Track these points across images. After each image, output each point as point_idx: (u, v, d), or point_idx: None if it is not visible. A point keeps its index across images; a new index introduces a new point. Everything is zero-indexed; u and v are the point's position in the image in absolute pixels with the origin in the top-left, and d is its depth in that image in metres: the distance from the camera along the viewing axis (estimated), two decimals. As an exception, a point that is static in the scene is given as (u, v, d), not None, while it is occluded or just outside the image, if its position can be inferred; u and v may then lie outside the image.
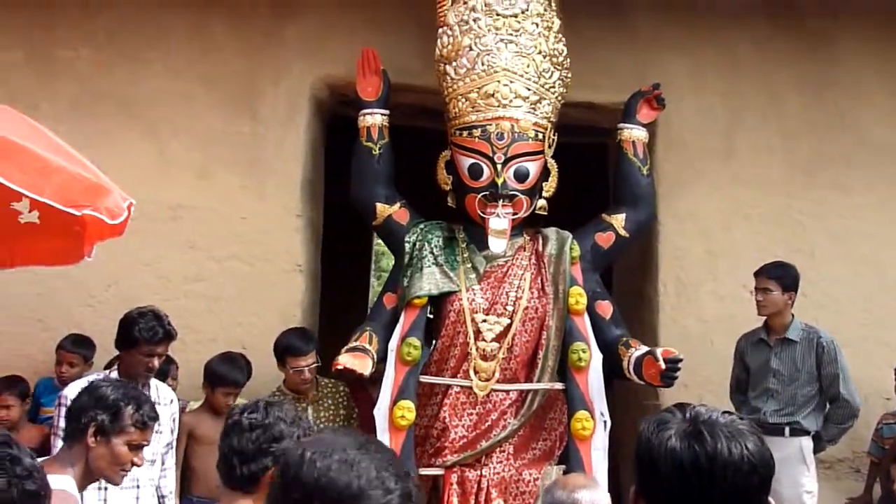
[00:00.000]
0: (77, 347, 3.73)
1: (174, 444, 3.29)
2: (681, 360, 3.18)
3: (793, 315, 3.84)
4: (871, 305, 4.38)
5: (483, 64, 3.61)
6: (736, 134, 4.48)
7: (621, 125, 3.91)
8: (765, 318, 3.87)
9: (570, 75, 3.79)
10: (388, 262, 16.53)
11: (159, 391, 3.22)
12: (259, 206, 4.13)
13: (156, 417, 2.38)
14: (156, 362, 3.08)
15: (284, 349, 3.64)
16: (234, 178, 4.15)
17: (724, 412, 1.35)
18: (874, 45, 4.56)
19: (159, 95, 4.18)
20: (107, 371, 3.18)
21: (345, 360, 3.17)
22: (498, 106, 3.59)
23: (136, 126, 4.15)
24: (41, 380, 3.86)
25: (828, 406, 3.80)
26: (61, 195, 2.49)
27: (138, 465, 2.32)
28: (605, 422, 3.47)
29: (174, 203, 4.09)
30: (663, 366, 3.16)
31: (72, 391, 2.94)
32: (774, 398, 3.76)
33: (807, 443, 3.71)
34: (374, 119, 3.83)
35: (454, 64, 3.67)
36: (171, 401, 3.27)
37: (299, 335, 3.72)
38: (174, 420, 3.27)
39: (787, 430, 3.68)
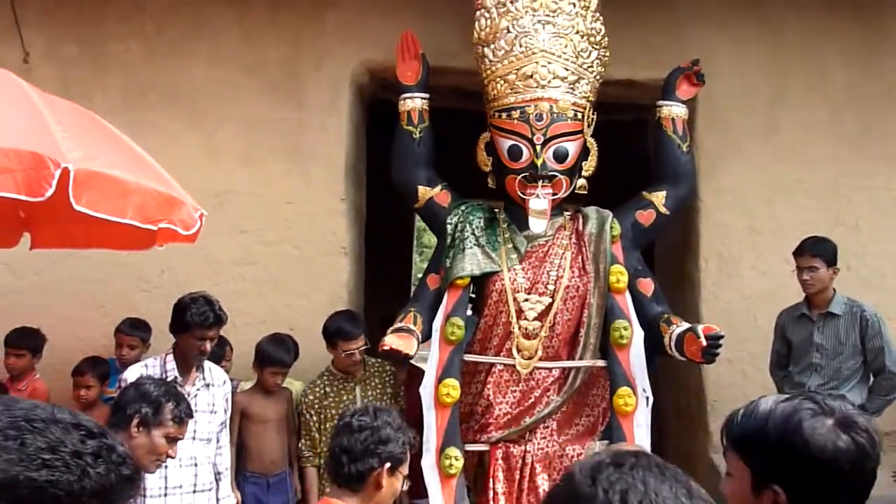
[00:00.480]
0: (134, 330, 3.88)
1: (228, 422, 3.39)
2: (722, 337, 3.19)
3: (834, 289, 3.81)
4: (918, 278, 4.34)
5: (521, 45, 3.63)
6: (778, 109, 4.44)
7: (661, 102, 3.90)
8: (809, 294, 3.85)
9: (608, 54, 3.78)
10: (430, 238, 16.59)
11: (213, 373, 3.31)
12: (304, 190, 4.23)
13: (191, 414, 2.63)
14: (208, 345, 3.16)
15: (335, 333, 3.74)
16: (278, 163, 4.25)
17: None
18: (922, 14, 4.47)
19: (204, 84, 4.29)
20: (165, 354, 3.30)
21: (391, 340, 3.25)
22: (536, 87, 3.61)
23: (182, 115, 4.27)
24: (111, 359, 4.02)
25: (872, 379, 3.78)
26: (141, 214, 2.66)
27: (172, 457, 2.53)
28: (647, 398, 3.50)
29: (221, 189, 4.20)
30: (705, 342, 3.17)
31: (131, 374, 3.09)
32: (818, 373, 3.75)
33: None
34: (414, 103, 3.89)
35: (492, 46, 3.70)
36: (224, 382, 3.36)
37: (349, 319, 3.80)
38: (227, 400, 3.36)
39: None
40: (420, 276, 4.32)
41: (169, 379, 3.03)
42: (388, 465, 2.10)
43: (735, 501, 1.41)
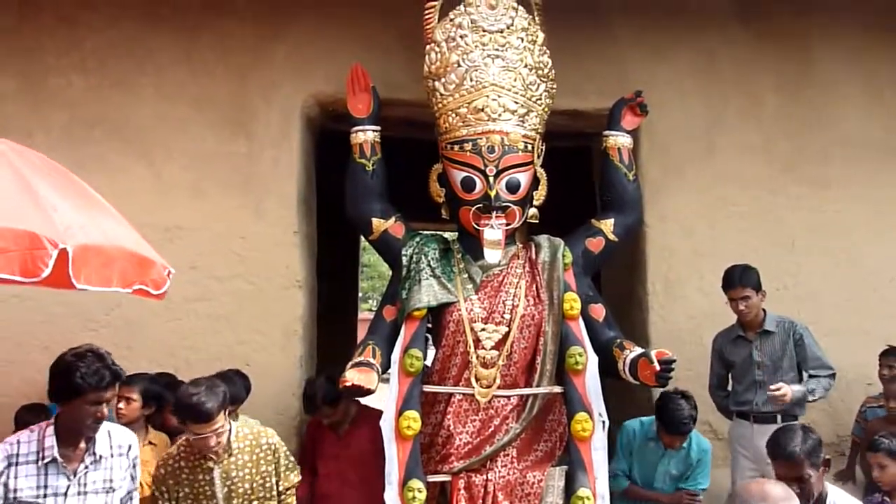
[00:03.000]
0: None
1: (136, 494, 2.91)
2: (674, 361, 3.29)
3: (763, 309, 4.03)
4: (850, 295, 4.56)
5: (471, 79, 3.71)
6: (716, 134, 4.63)
7: (606, 132, 4.02)
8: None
9: (555, 86, 3.90)
10: (371, 256, 16.32)
11: (112, 439, 2.78)
12: (256, 224, 4.21)
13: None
14: (105, 410, 2.65)
15: (183, 412, 3.07)
16: (230, 197, 4.22)
17: None
18: (847, 44, 4.73)
19: (152, 119, 4.23)
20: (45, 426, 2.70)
21: (351, 376, 3.25)
22: (488, 120, 3.69)
23: (130, 150, 4.20)
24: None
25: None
26: (122, 280, 2.69)
27: None
28: (603, 422, 3.58)
29: (171, 224, 4.15)
30: (658, 367, 3.26)
31: None
32: (762, 388, 3.92)
33: None
34: (366, 136, 3.92)
35: (443, 80, 3.77)
36: (130, 447, 2.84)
37: (207, 393, 3.04)
38: (135, 467, 2.86)
39: (779, 417, 3.86)
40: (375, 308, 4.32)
41: (47, 460, 2.61)
42: None
43: None
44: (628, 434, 3.96)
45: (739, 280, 3.94)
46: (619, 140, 3.99)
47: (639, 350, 3.53)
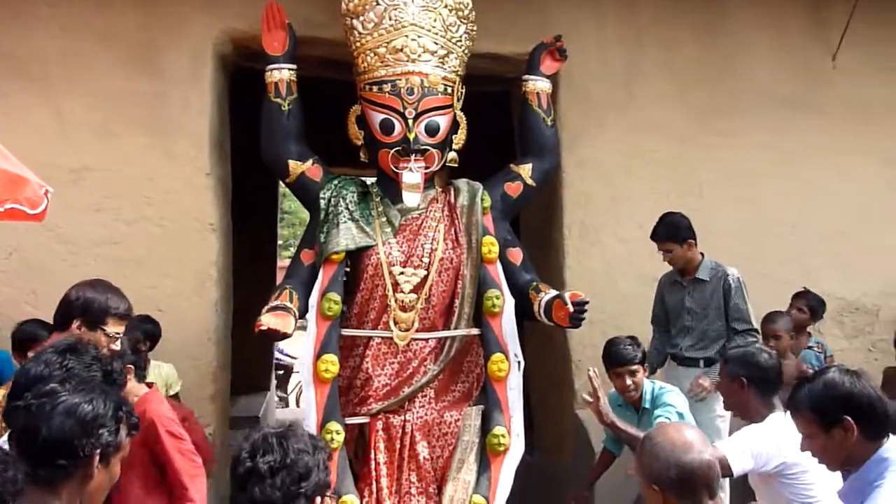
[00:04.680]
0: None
1: None
2: (587, 303, 3.37)
3: (702, 255, 4.11)
4: (753, 240, 4.72)
5: (390, 18, 3.64)
6: (634, 82, 4.69)
7: (525, 77, 4.02)
8: None
9: (475, 28, 3.86)
10: (292, 203, 15.97)
11: None
12: (166, 166, 4.06)
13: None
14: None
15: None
16: (138, 137, 4.05)
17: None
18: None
19: (55, 54, 4.00)
20: None
21: (267, 320, 3.20)
22: (407, 61, 3.63)
23: (31, 87, 3.98)
24: None
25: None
26: None
27: None
28: (518, 362, 3.66)
29: (77, 165, 3.97)
30: (571, 308, 3.34)
31: None
32: (690, 334, 4.06)
33: (704, 379, 3.98)
34: (281, 74, 3.80)
35: (361, 18, 3.68)
36: None
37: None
38: None
39: (701, 362, 4.00)
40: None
41: None
42: (318, 498, 1.78)
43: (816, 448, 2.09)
44: None
45: (660, 235, 4.05)
46: (538, 85, 4.00)
47: (554, 292, 3.60)
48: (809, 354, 4.50)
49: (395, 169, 3.65)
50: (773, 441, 2.68)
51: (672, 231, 4.03)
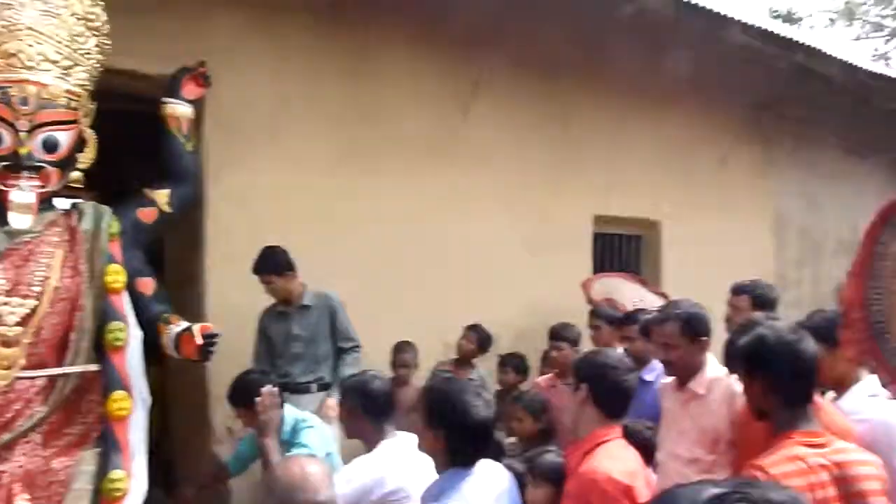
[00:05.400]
0: None
1: None
2: (217, 335, 3.30)
3: (303, 284, 4.32)
4: (396, 275, 5.03)
5: (3, 20, 3.26)
6: (283, 116, 4.75)
7: (165, 100, 3.87)
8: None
9: (109, 42, 3.62)
10: None
11: None
12: None
13: None
14: None
15: None
16: None
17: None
18: (403, 36, 5.18)
19: None
20: None
21: None
22: (21, 68, 3.27)
23: None
24: None
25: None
26: None
27: None
28: (143, 399, 3.44)
29: None
30: (200, 341, 3.25)
31: None
32: (301, 360, 4.21)
33: (331, 400, 4.11)
34: None
35: (-32, 16, 3.25)
36: None
37: None
38: None
39: (314, 386, 4.16)
40: None
41: None
42: None
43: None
44: None
45: (258, 268, 4.23)
46: (178, 109, 3.86)
47: (184, 324, 3.47)
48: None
49: (3, 186, 3.25)
50: (378, 470, 2.80)
51: (272, 264, 4.23)
